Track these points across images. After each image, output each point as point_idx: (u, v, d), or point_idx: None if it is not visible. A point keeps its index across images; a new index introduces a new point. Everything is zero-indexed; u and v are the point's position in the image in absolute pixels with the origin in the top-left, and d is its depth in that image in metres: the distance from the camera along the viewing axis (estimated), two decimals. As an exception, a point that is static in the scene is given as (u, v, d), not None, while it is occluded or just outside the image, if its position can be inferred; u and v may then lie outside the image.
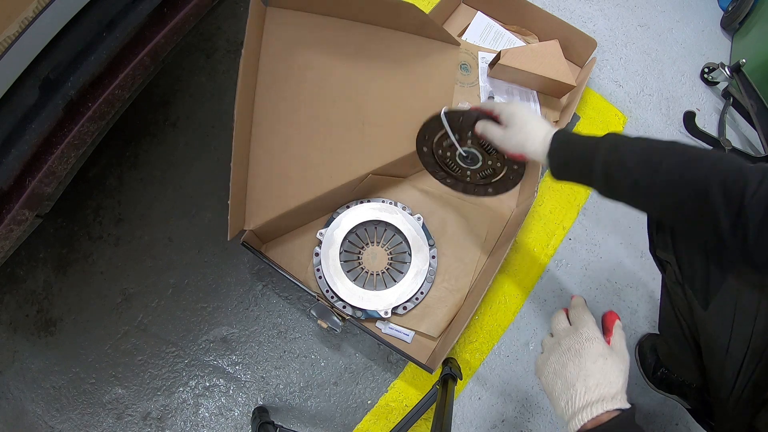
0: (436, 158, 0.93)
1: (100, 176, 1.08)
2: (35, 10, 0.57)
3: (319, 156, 0.96)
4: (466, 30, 1.30)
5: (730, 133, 1.45)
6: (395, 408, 0.99)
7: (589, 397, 0.48)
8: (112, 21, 0.67)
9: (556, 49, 1.22)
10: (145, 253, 1.04)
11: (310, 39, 0.94)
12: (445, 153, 0.90)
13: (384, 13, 0.94)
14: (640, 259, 1.21)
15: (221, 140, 1.14)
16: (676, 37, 1.58)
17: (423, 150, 0.93)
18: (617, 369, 0.50)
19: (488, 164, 0.87)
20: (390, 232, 1.04)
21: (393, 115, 1.01)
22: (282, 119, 0.93)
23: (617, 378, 0.49)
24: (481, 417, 1.01)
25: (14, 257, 1.01)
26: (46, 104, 0.62)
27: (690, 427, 1.09)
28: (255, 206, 0.92)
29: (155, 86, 1.16)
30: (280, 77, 0.92)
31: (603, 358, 0.51)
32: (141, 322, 0.99)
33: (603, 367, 0.50)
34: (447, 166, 0.94)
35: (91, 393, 0.95)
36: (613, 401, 0.47)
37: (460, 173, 0.93)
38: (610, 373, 0.50)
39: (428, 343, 0.98)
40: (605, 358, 0.51)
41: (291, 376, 0.98)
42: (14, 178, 0.61)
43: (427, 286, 0.99)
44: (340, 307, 0.94)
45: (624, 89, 1.43)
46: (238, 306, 1.02)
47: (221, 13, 1.25)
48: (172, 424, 0.94)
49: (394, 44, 0.99)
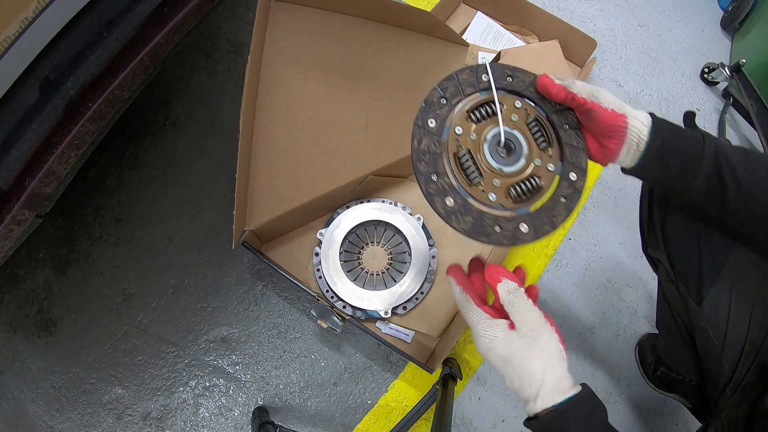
0: (442, 154, 0.53)
1: (100, 176, 1.08)
2: (35, 10, 0.57)
3: (321, 156, 0.96)
4: (466, 30, 1.30)
5: (730, 133, 1.45)
6: (395, 408, 0.99)
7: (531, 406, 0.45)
8: (112, 21, 0.67)
9: (556, 49, 1.22)
10: (145, 253, 1.04)
11: (315, 36, 0.93)
12: (461, 145, 0.53)
13: (392, 13, 0.93)
14: (640, 259, 1.20)
15: (221, 140, 1.14)
16: (676, 37, 1.58)
17: (421, 141, 0.52)
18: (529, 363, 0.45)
19: (535, 164, 0.53)
20: (390, 232, 1.04)
21: (396, 116, 1.00)
22: (284, 119, 0.93)
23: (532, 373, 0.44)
24: (481, 417, 1.01)
25: (14, 257, 1.01)
26: (46, 104, 0.62)
27: (690, 426, 1.09)
28: (255, 206, 0.92)
29: (155, 86, 1.16)
30: (283, 77, 0.92)
31: (506, 360, 0.46)
32: (141, 322, 0.99)
33: (513, 370, 0.46)
34: (461, 168, 0.52)
35: (91, 393, 0.95)
36: (539, 400, 0.44)
37: (482, 183, 0.52)
38: (523, 373, 0.45)
39: (428, 343, 0.98)
40: (510, 360, 0.46)
41: (291, 376, 0.98)
42: (14, 178, 0.61)
43: (427, 286, 0.99)
44: (340, 307, 0.94)
45: (624, 89, 1.43)
46: (238, 306, 1.02)
47: (221, 13, 1.25)
48: (172, 424, 0.94)
49: (400, 44, 0.98)
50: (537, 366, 0.44)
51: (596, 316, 1.14)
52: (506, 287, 0.47)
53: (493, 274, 0.48)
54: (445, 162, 0.51)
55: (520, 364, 0.45)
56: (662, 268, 0.70)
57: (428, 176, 0.50)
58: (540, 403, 0.43)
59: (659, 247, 0.69)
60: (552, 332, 0.46)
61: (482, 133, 0.53)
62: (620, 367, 1.11)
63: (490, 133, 0.53)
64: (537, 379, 0.44)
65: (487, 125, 0.53)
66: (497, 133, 0.53)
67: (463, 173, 0.52)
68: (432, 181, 0.50)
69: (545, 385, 0.43)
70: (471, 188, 0.51)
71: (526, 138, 0.53)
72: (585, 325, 1.13)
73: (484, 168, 0.52)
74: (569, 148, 0.53)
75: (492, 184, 0.51)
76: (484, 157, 0.52)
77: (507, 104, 0.54)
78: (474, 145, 0.52)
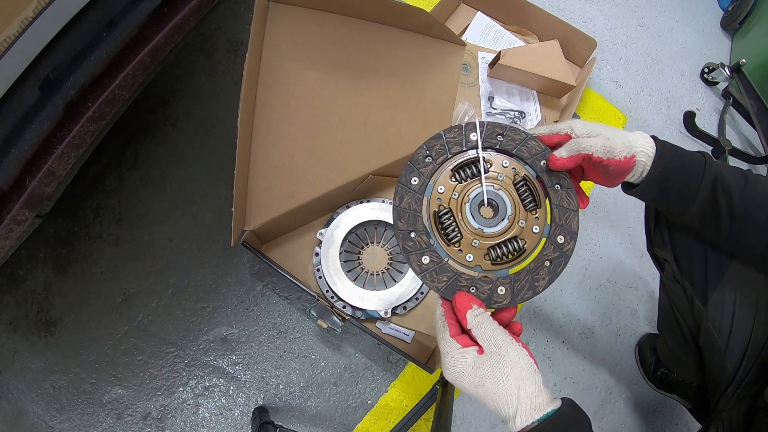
0: (422, 213, 0.52)
1: (100, 176, 1.08)
2: (35, 10, 0.57)
3: (320, 156, 0.96)
4: (466, 30, 1.30)
5: (730, 133, 1.45)
6: (395, 408, 0.99)
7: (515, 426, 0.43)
8: (112, 21, 0.67)
9: (556, 49, 1.22)
10: (145, 253, 1.04)
11: (314, 36, 0.93)
12: (443, 203, 0.53)
13: (390, 13, 0.94)
14: (640, 259, 1.21)
15: (221, 140, 1.14)
16: (676, 37, 1.58)
17: (402, 199, 0.52)
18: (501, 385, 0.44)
19: (519, 226, 0.52)
20: (390, 232, 1.04)
21: (394, 115, 1.00)
22: (283, 119, 0.93)
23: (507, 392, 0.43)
24: (481, 417, 1.01)
25: (14, 257, 1.01)
26: (46, 104, 0.62)
27: (690, 427, 1.09)
28: (255, 206, 0.91)
29: (155, 86, 1.16)
30: (282, 77, 0.92)
31: (479, 385, 0.45)
32: (141, 322, 0.99)
33: (486, 392, 0.44)
34: (441, 227, 0.52)
35: (91, 393, 0.95)
36: (518, 419, 0.43)
37: (461, 243, 0.51)
38: (498, 394, 0.44)
39: (428, 343, 0.98)
40: (482, 383, 0.45)
41: (291, 376, 0.98)
42: (14, 178, 0.61)
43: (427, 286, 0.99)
44: (340, 307, 0.94)
45: (624, 89, 1.43)
46: (238, 306, 1.02)
47: (221, 13, 1.25)
48: (172, 424, 0.94)
49: (398, 43, 0.99)
50: (510, 384, 0.43)
51: (596, 316, 1.14)
52: (474, 312, 0.46)
53: (464, 302, 0.47)
54: (425, 220, 0.52)
55: (492, 385, 0.44)
56: (668, 267, 0.71)
57: (407, 234, 0.50)
58: (519, 422, 0.42)
59: (666, 247, 0.69)
60: (519, 348, 0.45)
61: (465, 193, 0.52)
62: (620, 367, 1.11)
63: (473, 192, 0.52)
64: (513, 398, 0.43)
65: (472, 185, 0.53)
66: (480, 193, 0.52)
67: (442, 232, 0.52)
68: (410, 238, 0.50)
69: (522, 403, 0.42)
70: (449, 248, 0.51)
71: (512, 199, 0.52)
72: (585, 325, 1.13)
73: (464, 228, 0.52)
74: (559, 209, 0.52)
75: (471, 244, 0.51)
76: (464, 217, 0.52)
77: (494, 163, 0.53)
78: (456, 204, 0.52)
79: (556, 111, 1.25)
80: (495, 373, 0.44)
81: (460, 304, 0.47)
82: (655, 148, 0.55)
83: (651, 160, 0.55)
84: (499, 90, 1.24)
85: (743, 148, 1.43)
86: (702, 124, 1.40)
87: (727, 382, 0.66)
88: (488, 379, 0.44)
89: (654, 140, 0.56)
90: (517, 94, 1.25)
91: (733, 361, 0.65)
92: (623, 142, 0.54)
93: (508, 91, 1.24)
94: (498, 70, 1.21)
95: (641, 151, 0.55)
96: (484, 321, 0.46)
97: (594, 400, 1.07)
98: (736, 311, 0.64)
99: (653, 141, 0.56)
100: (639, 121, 1.39)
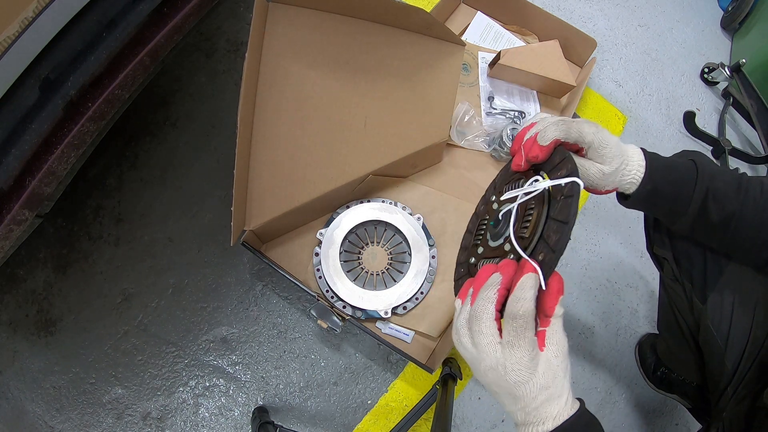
0: (483, 218, 0.56)
1: (100, 176, 1.08)
2: (35, 10, 0.57)
3: (320, 156, 0.96)
4: (466, 30, 1.30)
5: (730, 133, 1.45)
6: (395, 408, 0.99)
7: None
8: (112, 21, 0.67)
9: (556, 49, 1.22)
10: (145, 253, 1.04)
11: (313, 37, 0.93)
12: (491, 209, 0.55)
13: (390, 13, 0.94)
14: (640, 258, 1.21)
15: (221, 140, 1.14)
16: (676, 37, 1.59)
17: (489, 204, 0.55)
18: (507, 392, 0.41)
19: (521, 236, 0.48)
20: (390, 232, 1.04)
21: (395, 115, 1.00)
22: (283, 119, 0.93)
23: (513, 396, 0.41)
24: (481, 417, 1.01)
25: (14, 257, 1.01)
26: (46, 104, 0.62)
27: (690, 427, 1.09)
28: (255, 206, 0.91)
29: (155, 86, 1.16)
30: (281, 76, 0.92)
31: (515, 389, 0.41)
32: (141, 322, 0.99)
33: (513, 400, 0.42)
34: (478, 233, 0.55)
35: (91, 393, 0.95)
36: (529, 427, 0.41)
37: (481, 248, 0.53)
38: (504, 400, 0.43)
39: (428, 343, 0.98)
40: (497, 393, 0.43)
41: (291, 376, 0.98)
42: (14, 178, 0.61)
43: (427, 286, 0.99)
44: (340, 307, 0.94)
45: (624, 89, 1.43)
46: (238, 306, 1.02)
47: (221, 13, 1.25)
48: (172, 424, 0.94)
49: (398, 43, 0.99)
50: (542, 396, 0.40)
51: (596, 316, 1.14)
52: (561, 308, 0.41)
53: (560, 289, 0.41)
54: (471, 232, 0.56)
55: (526, 393, 0.40)
56: (668, 267, 0.71)
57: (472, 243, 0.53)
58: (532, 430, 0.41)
59: (665, 246, 0.69)
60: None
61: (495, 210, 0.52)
62: (620, 367, 1.11)
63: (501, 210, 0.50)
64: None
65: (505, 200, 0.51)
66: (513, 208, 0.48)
67: (477, 239, 0.54)
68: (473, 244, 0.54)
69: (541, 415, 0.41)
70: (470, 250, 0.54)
71: (521, 212, 0.48)
72: (585, 325, 1.13)
73: (489, 235, 0.51)
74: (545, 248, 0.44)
75: (477, 249, 0.53)
76: (486, 231, 0.53)
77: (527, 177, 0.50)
78: (490, 217, 0.53)
79: (556, 111, 1.25)
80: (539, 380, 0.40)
81: (558, 288, 0.40)
82: (645, 165, 0.55)
83: (640, 176, 0.55)
84: (499, 90, 1.24)
85: (743, 148, 1.43)
86: (702, 124, 1.40)
87: (726, 381, 0.67)
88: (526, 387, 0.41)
89: (643, 153, 0.57)
90: (517, 94, 1.25)
91: (732, 360, 0.65)
92: (618, 176, 0.54)
93: (508, 91, 1.24)
94: (498, 70, 1.21)
95: (628, 182, 0.55)
96: (560, 319, 0.41)
97: (594, 400, 1.07)
98: (734, 310, 0.64)
99: (643, 156, 0.56)
100: (639, 121, 1.39)
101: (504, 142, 1.12)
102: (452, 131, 1.14)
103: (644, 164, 0.55)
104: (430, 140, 1.03)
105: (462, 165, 1.14)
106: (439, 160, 1.13)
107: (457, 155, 1.15)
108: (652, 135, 1.39)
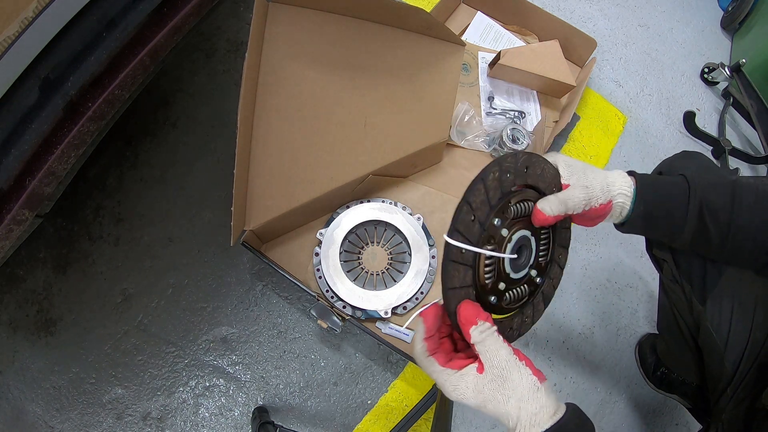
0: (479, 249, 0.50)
1: (100, 176, 1.08)
2: (35, 10, 0.57)
3: (320, 156, 0.96)
4: (466, 30, 1.30)
5: (730, 133, 1.45)
6: (395, 408, 0.99)
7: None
8: (112, 21, 0.67)
9: (556, 49, 1.22)
10: (145, 253, 1.04)
11: (313, 37, 0.93)
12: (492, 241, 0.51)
13: (390, 13, 0.94)
14: (640, 259, 1.21)
15: (221, 140, 1.14)
16: (676, 37, 1.59)
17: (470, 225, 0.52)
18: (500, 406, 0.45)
19: (540, 264, 0.55)
20: (390, 232, 1.04)
21: (395, 115, 1.01)
22: (283, 119, 0.93)
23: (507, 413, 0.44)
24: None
25: (14, 257, 1.01)
26: (46, 104, 0.62)
27: (690, 427, 1.09)
28: (255, 206, 0.91)
29: (155, 86, 1.16)
30: (281, 76, 0.92)
31: (480, 406, 0.46)
32: (141, 322, 0.99)
33: (488, 412, 0.46)
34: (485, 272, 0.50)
35: (91, 393, 0.95)
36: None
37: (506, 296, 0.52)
38: (498, 415, 0.45)
39: (428, 343, 0.98)
40: (484, 405, 0.46)
41: (291, 376, 0.98)
42: (14, 178, 0.61)
43: (427, 286, 0.99)
44: (340, 307, 0.94)
45: (624, 89, 1.43)
46: (238, 306, 1.02)
47: (221, 13, 1.25)
48: (172, 424, 0.94)
49: (398, 43, 0.99)
50: (511, 406, 0.44)
51: (596, 316, 1.14)
52: (480, 328, 0.45)
53: (469, 316, 0.46)
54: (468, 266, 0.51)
55: (494, 408, 0.45)
56: (667, 267, 0.71)
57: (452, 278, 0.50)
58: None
59: (664, 247, 0.70)
60: (522, 367, 0.45)
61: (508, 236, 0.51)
62: (620, 367, 1.11)
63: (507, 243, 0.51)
64: (513, 418, 0.44)
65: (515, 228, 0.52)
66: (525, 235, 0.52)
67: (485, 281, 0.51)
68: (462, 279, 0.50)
69: (522, 422, 0.43)
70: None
71: (537, 240, 0.54)
72: (585, 325, 1.13)
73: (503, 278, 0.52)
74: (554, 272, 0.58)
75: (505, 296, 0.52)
76: (500, 271, 0.51)
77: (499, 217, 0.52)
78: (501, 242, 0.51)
79: (556, 111, 1.25)
80: (496, 396, 0.44)
81: (466, 317, 0.46)
82: (633, 189, 0.57)
83: (630, 200, 0.57)
84: (499, 90, 1.24)
85: (743, 148, 1.43)
86: (702, 124, 1.40)
87: (726, 382, 0.67)
88: (490, 402, 0.45)
89: (632, 176, 0.58)
90: (517, 94, 1.25)
91: (732, 361, 0.65)
92: (601, 188, 0.55)
93: (508, 91, 1.25)
94: (498, 70, 1.21)
95: (619, 193, 0.57)
96: (489, 338, 0.45)
97: (594, 400, 1.07)
98: (734, 312, 0.64)
99: (631, 179, 0.58)
100: (639, 121, 1.39)
101: (504, 142, 1.12)
102: (452, 131, 1.14)
103: (633, 187, 0.57)
104: (430, 140, 1.03)
105: (462, 165, 1.14)
106: (439, 160, 1.13)
107: (457, 155, 1.15)
108: (652, 135, 1.39)
